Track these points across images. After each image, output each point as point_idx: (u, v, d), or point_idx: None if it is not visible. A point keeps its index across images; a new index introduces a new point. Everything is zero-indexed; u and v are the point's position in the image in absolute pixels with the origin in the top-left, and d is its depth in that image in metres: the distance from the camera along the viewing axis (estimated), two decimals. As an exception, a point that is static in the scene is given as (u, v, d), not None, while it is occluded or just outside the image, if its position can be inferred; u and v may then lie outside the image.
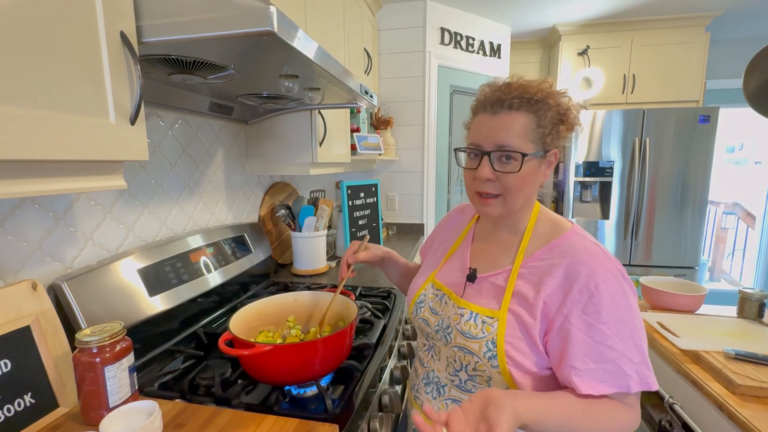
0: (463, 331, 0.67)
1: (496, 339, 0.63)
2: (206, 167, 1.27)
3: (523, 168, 0.63)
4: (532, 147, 0.64)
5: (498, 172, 0.64)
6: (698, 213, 2.60)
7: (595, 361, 0.57)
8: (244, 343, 0.71)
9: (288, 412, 0.73)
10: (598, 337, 0.57)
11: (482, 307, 0.67)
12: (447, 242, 0.85)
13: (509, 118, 0.63)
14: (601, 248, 0.63)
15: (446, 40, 2.47)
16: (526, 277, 0.65)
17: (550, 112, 0.64)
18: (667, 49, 2.69)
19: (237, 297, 1.31)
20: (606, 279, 0.59)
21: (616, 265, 0.61)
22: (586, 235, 0.66)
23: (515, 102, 0.63)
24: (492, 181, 0.65)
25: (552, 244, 0.65)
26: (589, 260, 0.60)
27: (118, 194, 0.95)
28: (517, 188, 0.65)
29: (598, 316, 0.57)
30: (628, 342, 0.57)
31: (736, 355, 1.00)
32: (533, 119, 0.63)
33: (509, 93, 0.64)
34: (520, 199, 0.67)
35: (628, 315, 0.58)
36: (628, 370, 0.56)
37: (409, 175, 2.56)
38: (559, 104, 0.66)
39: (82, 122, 0.52)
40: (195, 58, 0.77)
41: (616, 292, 0.58)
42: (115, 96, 0.57)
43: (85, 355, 0.65)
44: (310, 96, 1.10)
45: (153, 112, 1.04)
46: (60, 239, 0.82)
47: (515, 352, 0.61)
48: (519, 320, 0.62)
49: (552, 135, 0.65)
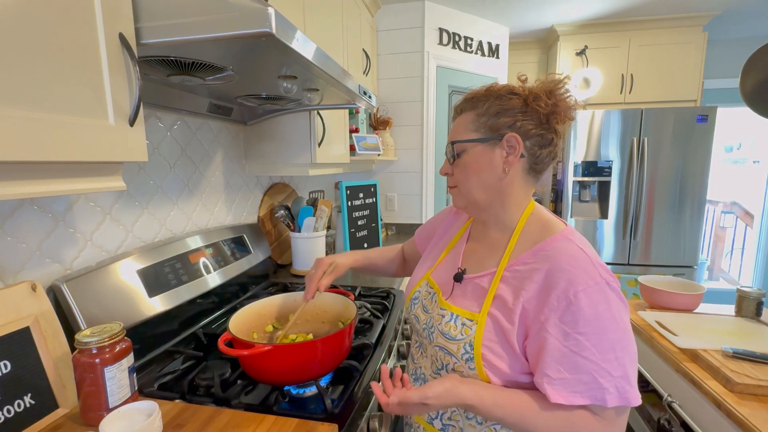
0: (443, 331, 0.67)
1: (474, 342, 0.62)
2: (205, 168, 1.28)
3: (462, 156, 0.69)
4: (474, 135, 0.68)
5: (453, 166, 0.71)
6: (697, 212, 2.60)
7: (569, 370, 0.55)
8: (244, 343, 0.72)
9: (287, 412, 0.73)
10: (574, 347, 0.55)
11: (463, 309, 0.67)
12: (445, 238, 0.86)
13: (457, 121, 0.72)
14: (587, 254, 0.60)
15: (444, 41, 2.47)
16: (509, 281, 0.64)
17: (489, 101, 0.67)
18: (665, 49, 2.70)
19: (236, 298, 1.32)
20: (587, 287, 0.56)
21: (602, 274, 0.57)
22: (575, 240, 0.63)
23: (464, 106, 0.71)
24: (450, 175, 0.73)
25: (537, 248, 0.64)
26: (571, 266, 0.58)
27: (117, 195, 0.95)
28: (463, 176, 0.69)
29: (575, 325, 0.55)
30: (608, 355, 0.54)
31: (734, 353, 1.00)
32: (473, 113, 0.68)
33: (464, 99, 0.71)
34: (474, 187, 0.69)
35: (612, 327, 0.55)
36: (605, 384, 0.54)
37: (408, 176, 2.57)
38: (499, 90, 0.67)
39: (81, 124, 0.52)
40: (194, 60, 0.77)
41: (598, 302, 0.55)
42: (115, 97, 0.57)
43: (84, 356, 0.65)
44: (308, 97, 1.10)
45: (152, 114, 1.05)
46: (59, 240, 0.82)
47: (492, 356, 0.61)
48: (497, 325, 0.62)
49: (499, 119, 0.65)
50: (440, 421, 0.70)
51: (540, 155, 0.67)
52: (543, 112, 0.65)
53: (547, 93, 0.65)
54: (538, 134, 0.65)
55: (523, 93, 0.66)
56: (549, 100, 0.65)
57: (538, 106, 0.64)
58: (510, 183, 0.67)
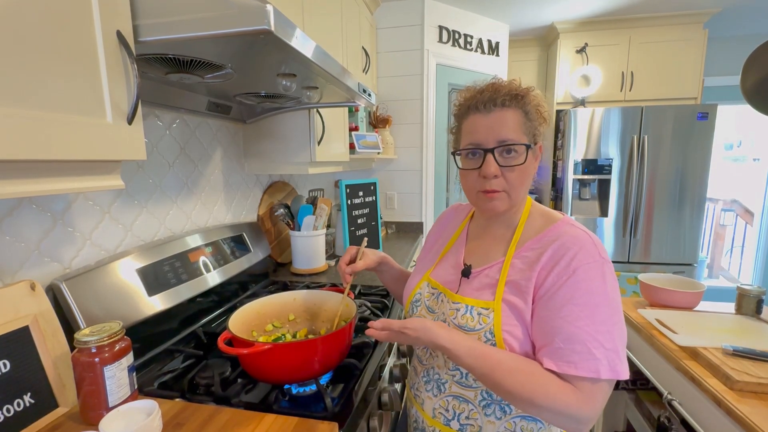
0: (460, 324, 0.68)
1: (494, 329, 0.64)
2: (204, 167, 1.27)
3: (527, 160, 0.67)
4: (527, 140, 0.67)
5: (503, 167, 0.67)
6: (697, 210, 2.60)
7: (563, 340, 0.58)
8: (243, 342, 0.71)
9: (287, 411, 0.73)
10: (569, 317, 0.58)
11: (477, 300, 0.68)
12: (441, 241, 0.86)
13: (503, 115, 0.66)
14: (590, 236, 0.64)
15: (444, 39, 2.47)
16: (518, 267, 0.67)
17: (530, 106, 0.68)
18: (666, 47, 2.69)
19: (236, 296, 1.31)
20: (587, 263, 0.60)
21: (601, 253, 0.62)
22: (577, 225, 0.68)
23: (506, 99, 0.66)
24: (497, 177, 0.67)
25: (542, 234, 0.68)
26: (574, 245, 0.62)
27: (116, 194, 0.95)
28: (520, 181, 0.68)
29: (572, 297, 0.59)
30: (600, 327, 0.58)
31: (734, 351, 1.00)
32: (522, 114, 0.67)
33: (498, 92, 0.67)
34: (522, 192, 0.70)
35: (603, 301, 0.59)
36: (598, 354, 0.56)
37: (407, 174, 2.56)
38: (535, 99, 0.69)
39: (78, 122, 0.52)
40: (192, 57, 0.77)
41: (594, 277, 0.60)
42: (112, 96, 0.57)
43: (84, 355, 0.65)
44: (308, 95, 1.10)
45: (151, 112, 1.04)
46: (58, 239, 0.82)
47: (513, 340, 0.63)
48: (513, 308, 0.64)
49: (537, 128, 0.69)
50: (458, 421, 0.70)
51: None
52: (545, 118, 0.70)
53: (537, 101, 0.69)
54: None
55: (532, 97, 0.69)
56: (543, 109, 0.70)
57: (543, 113, 0.69)
58: None
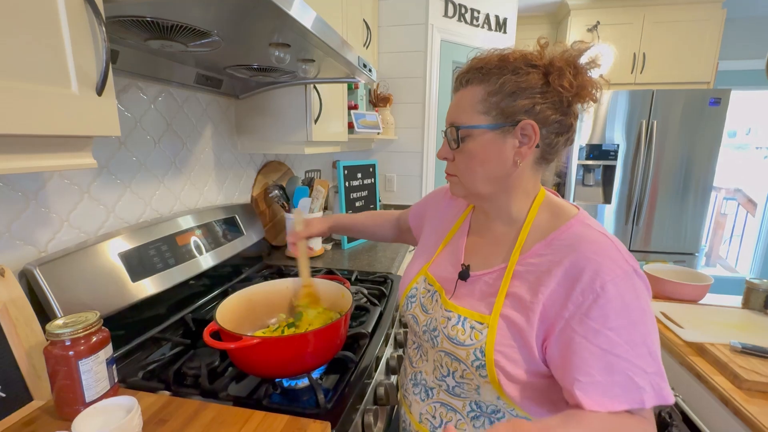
0: (450, 336, 0.60)
1: (485, 347, 0.56)
2: (194, 144, 1.20)
3: (466, 143, 0.59)
4: (484, 119, 0.57)
5: (454, 150, 0.62)
6: (701, 199, 2.55)
7: (601, 372, 0.49)
8: (231, 335, 0.67)
9: (278, 407, 0.69)
10: (605, 344, 0.49)
11: (471, 311, 0.60)
12: (441, 229, 0.77)
13: (461, 95, 0.61)
14: (611, 239, 0.54)
15: (450, 13, 2.34)
16: (523, 277, 0.57)
17: (504, 76, 0.56)
18: (681, 27, 2.58)
19: (228, 281, 1.27)
20: (615, 277, 0.50)
21: (628, 260, 0.52)
22: (593, 224, 0.57)
23: (467, 76, 0.60)
24: (450, 161, 0.64)
25: (552, 237, 0.57)
26: (595, 255, 0.52)
27: (96, 173, 0.88)
28: (465, 166, 0.61)
29: (605, 320, 0.49)
30: (641, 349, 0.49)
31: (742, 348, 0.97)
32: (483, 88, 0.58)
33: (466, 68, 0.60)
34: (478, 179, 0.60)
35: (641, 318, 0.50)
36: (641, 382, 0.49)
37: (408, 156, 2.48)
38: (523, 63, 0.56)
39: (37, 91, 0.45)
40: (174, 22, 0.69)
41: (626, 292, 0.50)
42: (77, 62, 0.49)
43: (57, 348, 0.60)
44: (303, 68, 1.02)
45: (133, 83, 0.96)
46: (32, 221, 0.76)
47: (506, 362, 0.55)
48: (512, 326, 0.55)
49: (516, 102, 0.55)
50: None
51: (555, 143, 0.58)
52: (566, 94, 0.55)
53: (572, 68, 0.55)
54: (557, 120, 0.56)
55: (543, 65, 0.56)
56: (575, 80, 0.54)
57: (562, 86, 0.54)
58: (519, 175, 0.59)
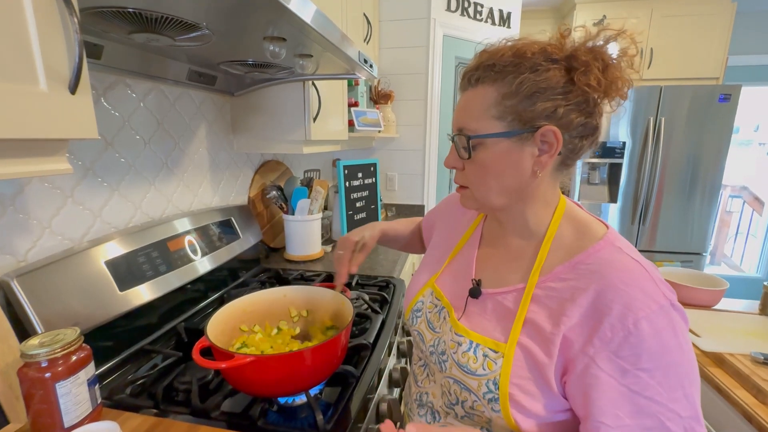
0: (460, 363, 0.55)
1: (499, 379, 0.50)
2: (187, 144, 1.15)
3: (478, 152, 0.52)
4: (498, 125, 0.50)
5: (464, 160, 0.55)
6: (709, 198, 2.50)
7: (630, 415, 0.44)
8: (222, 352, 0.62)
9: (273, 428, 0.65)
10: (635, 386, 0.44)
11: (485, 337, 0.54)
12: (450, 238, 0.72)
13: (470, 96, 0.53)
14: (644, 267, 0.48)
15: (453, 7, 2.28)
16: (542, 302, 0.51)
17: (521, 75, 0.48)
18: (690, 21, 2.51)
19: (225, 285, 1.22)
20: (650, 313, 0.44)
21: (665, 292, 0.46)
22: (624, 247, 0.50)
23: (477, 74, 0.52)
24: (459, 170, 0.57)
25: (577, 260, 0.50)
26: (626, 285, 0.46)
27: (79, 175, 0.83)
28: (477, 178, 0.54)
29: (636, 360, 0.44)
30: (676, 392, 0.44)
31: (765, 359, 0.92)
32: (496, 89, 0.50)
33: (475, 64, 0.53)
34: (492, 192, 0.54)
35: (679, 358, 0.44)
36: (673, 427, 0.44)
37: (409, 154, 2.43)
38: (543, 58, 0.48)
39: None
40: (159, 14, 0.64)
41: (663, 329, 0.44)
42: (46, 57, 0.44)
43: (32, 370, 0.55)
44: (301, 64, 0.96)
45: (120, 80, 0.91)
46: (9, 228, 0.71)
47: (522, 396, 0.49)
48: (530, 357, 0.50)
49: (535, 105, 0.48)
50: None
51: (579, 148, 0.52)
52: (593, 94, 0.48)
53: (600, 62, 0.48)
54: (582, 123, 0.49)
55: (564, 59, 0.48)
56: (604, 76, 0.48)
57: (588, 85, 0.47)
58: (537, 184, 0.53)
